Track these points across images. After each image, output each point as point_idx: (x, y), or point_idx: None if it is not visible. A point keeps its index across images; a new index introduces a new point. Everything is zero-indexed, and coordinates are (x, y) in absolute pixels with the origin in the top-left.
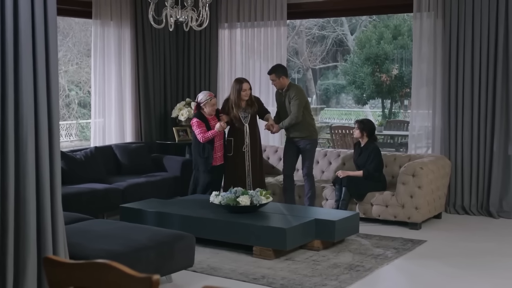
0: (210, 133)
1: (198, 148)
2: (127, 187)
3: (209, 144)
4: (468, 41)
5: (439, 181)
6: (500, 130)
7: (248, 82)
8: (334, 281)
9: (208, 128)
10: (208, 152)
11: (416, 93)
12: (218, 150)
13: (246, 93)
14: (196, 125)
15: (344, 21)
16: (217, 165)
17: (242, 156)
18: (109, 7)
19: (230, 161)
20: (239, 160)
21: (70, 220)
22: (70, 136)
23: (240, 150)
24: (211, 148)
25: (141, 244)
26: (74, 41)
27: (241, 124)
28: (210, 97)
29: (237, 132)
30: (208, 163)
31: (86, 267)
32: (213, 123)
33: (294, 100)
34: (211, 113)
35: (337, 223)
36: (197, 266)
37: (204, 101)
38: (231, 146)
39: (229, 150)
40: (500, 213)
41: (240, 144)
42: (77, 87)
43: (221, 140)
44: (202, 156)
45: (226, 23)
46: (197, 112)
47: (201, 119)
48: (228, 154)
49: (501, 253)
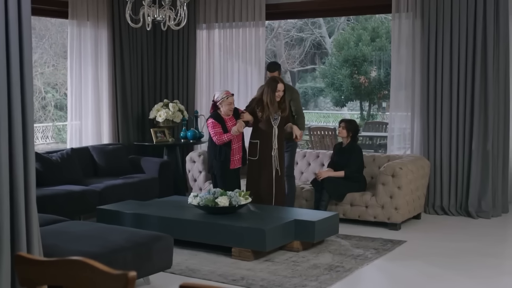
0: (226, 136)
1: (214, 150)
2: (104, 188)
3: (226, 147)
4: (446, 41)
5: (419, 181)
6: (479, 131)
7: (283, 83)
8: (314, 281)
9: (225, 130)
10: (225, 155)
11: (395, 95)
12: (236, 152)
13: (279, 94)
14: (212, 126)
15: (322, 24)
16: (234, 169)
17: (269, 161)
18: (85, 7)
19: (255, 166)
20: (265, 165)
21: (46, 222)
22: (46, 139)
23: (266, 154)
24: (229, 151)
25: (118, 246)
26: (51, 42)
27: (269, 127)
28: (226, 95)
29: (264, 134)
30: (225, 167)
31: (60, 264)
32: (229, 124)
33: (295, 100)
34: (228, 112)
35: (316, 223)
36: (175, 268)
37: (220, 99)
38: (256, 149)
39: (253, 153)
40: (479, 213)
41: (267, 147)
42: (53, 89)
43: (239, 142)
44: (219, 160)
45: (204, 24)
46: (213, 112)
47: (217, 119)
48: (252, 158)
49: (481, 253)
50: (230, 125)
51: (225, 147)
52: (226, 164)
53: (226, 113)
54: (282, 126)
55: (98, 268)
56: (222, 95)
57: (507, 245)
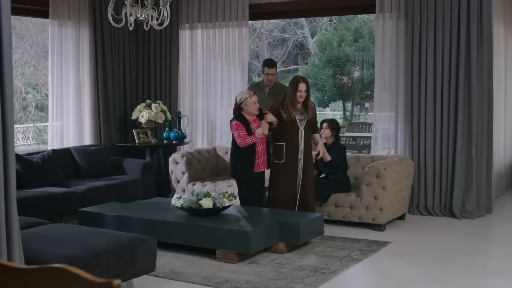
0: (249, 139)
1: (238, 153)
2: (86, 190)
3: (250, 149)
4: (430, 41)
5: (403, 182)
6: (463, 131)
7: (306, 83)
8: (299, 284)
9: (249, 132)
10: (250, 158)
11: (379, 95)
12: (261, 155)
13: (301, 95)
14: (235, 128)
15: (304, 24)
16: (258, 172)
17: (295, 165)
18: (66, 6)
19: (281, 169)
20: (291, 168)
21: (27, 225)
22: (27, 140)
23: (293, 157)
24: (253, 154)
25: (101, 249)
26: (31, 42)
27: (295, 128)
28: (249, 95)
29: (290, 136)
30: (249, 172)
31: (41, 272)
32: (254, 126)
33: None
34: (254, 112)
35: (301, 225)
36: (159, 271)
37: (243, 100)
38: (282, 152)
39: (279, 156)
40: (463, 214)
41: (293, 150)
42: (34, 89)
43: (263, 144)
44: (242, 163)
45: (187, 24)
46: (237, 113)
47: (241, 121)
48: (278, 161)
49: (465, 253)
50: (254, 126)
51: (249, 149)
52: (250, 168)
53: (252, 112)
54: (308, 128)
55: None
56: (244, 95)
57: (491, 245)
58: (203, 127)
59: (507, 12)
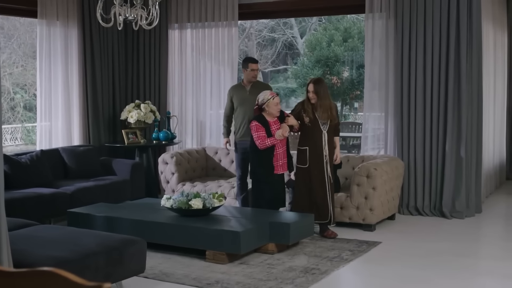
0: (269, 141)
1: (257, 155)
2: (75, 191)
3: (270, 151)
4: (420, 41)
5: (393, 182)
6: (452, 131)
7: (315, 83)
8: (290, 284)
9: (269, 133)
10: (269, 160)
11: (369, 95)
12: (280, 158)
13: (310, 96)
14: (255, 129)
15: (293, 24)
16: (278, 174)
17: (321, 169)
18: (55, 6)
19: (306, 174)
20: (315, 173)
21: (15, 226)
22: (15, 140)
23: (317, 161)
24: (272, 156)
25: (90, 250)
26: (19, 42)
27: (319, 132)
28: (272, 96)
29: (313, 140)
30: (268, 173)
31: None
32: (274, 127)
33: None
34: (275, 114)
35: (291, 225)
36: (148, 272)
37: (266, 100)
38: (306, 156)
39: (303, 161)
40: (453, 214)
41: (317, 154)
42: (22, 90)
43: (284, 147)
44: (261, 165)
45: (176, 24)
46: (258, 114)
47: (261, 122)
48: (302, 165)
49: (456, 253)
50: (274, 128)
51: (269, 151)
52: (269, 170)
53: (274, 114)
54: (331, 131)
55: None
56: (267, 96)
57: (481, 245)
58: (193, 127)
59: (496, 12)
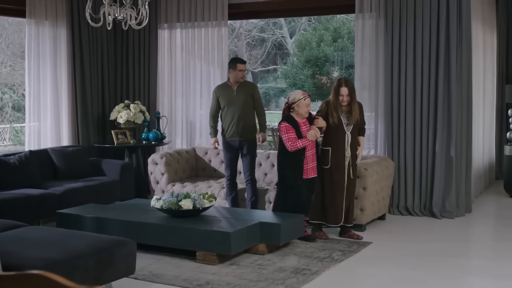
0: (300, 142)
1: (286, 158)
2: (64, 192)
3: (299, 154)
4: (410, 42)
5: (383, 182)
6: (442, 131)
7: (348, 86)
8: (280, 285)
9: (299, 135)
10: (298, 163)
11: (359, 95)
12: (310, 160)
13: (343, 99)
14: (285, 131)
15: (283, 24)
16: (308, 178)
17: (341, 170)
18: (44, 5)
19: (326, 175)
20: (336, 173)
21: (3, 228)
22: (3, 141)
23: (339, 162)
24: (302, 159)
25: (79, 251)
26: (8, 42)
27: (342, 132)
28: (303, 96)
29: (336, 141)
30: (297, 177)
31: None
32: (304, 128)
33: (259, 97)
34: (304, 115)
35: (282, 226)
36: (138, 273)
37: (297, 100)
38: (328, 157)
39: (325, 161)
40: (443, 214)
41: (339, 155)
42: (11, 90)
43: (313, 149)
44: (290, 169)
45: (166, 24)
46: (287, 114)
47: (291, 123)
48: (324, 166)
49: (446, 253)
50: (304, 129)
51: (298, 154)
52: (299, 174)
53: (303, 115)
54: (355, 132)
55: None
56: (299, 95)
57: (471, 245)
58: (182, 127)
59: (486, 12)
